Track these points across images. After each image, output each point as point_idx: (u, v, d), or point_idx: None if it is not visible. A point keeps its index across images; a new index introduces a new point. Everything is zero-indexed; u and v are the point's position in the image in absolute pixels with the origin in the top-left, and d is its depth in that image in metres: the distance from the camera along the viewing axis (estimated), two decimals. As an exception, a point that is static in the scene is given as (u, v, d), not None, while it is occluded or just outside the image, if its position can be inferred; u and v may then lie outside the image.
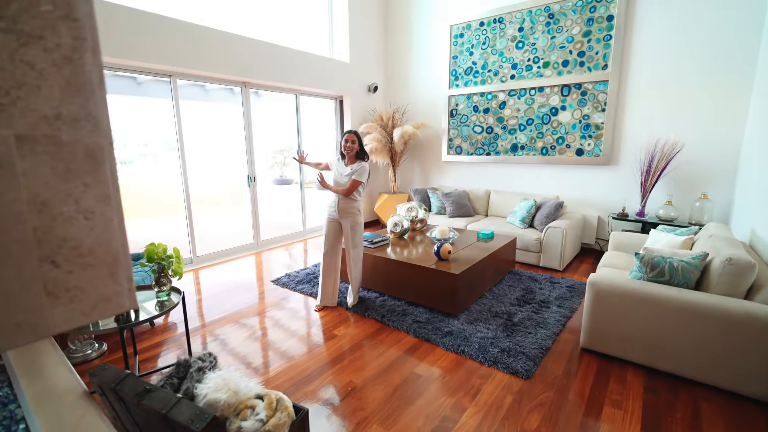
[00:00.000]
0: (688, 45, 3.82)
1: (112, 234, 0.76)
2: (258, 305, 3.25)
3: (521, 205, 4.49)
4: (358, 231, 3.03)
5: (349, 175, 2.95)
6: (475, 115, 5.33)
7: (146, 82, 6.42)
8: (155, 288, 2.07)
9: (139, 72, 3.67)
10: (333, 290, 3.16)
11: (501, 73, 5.03)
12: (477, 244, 3.65)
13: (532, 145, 4.91)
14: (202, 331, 2.81)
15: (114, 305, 0.77)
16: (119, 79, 6.15)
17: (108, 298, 0.75)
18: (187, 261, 4.32)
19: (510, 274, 3.86)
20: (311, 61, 5.03)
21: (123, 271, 0.76)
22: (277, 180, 7.96)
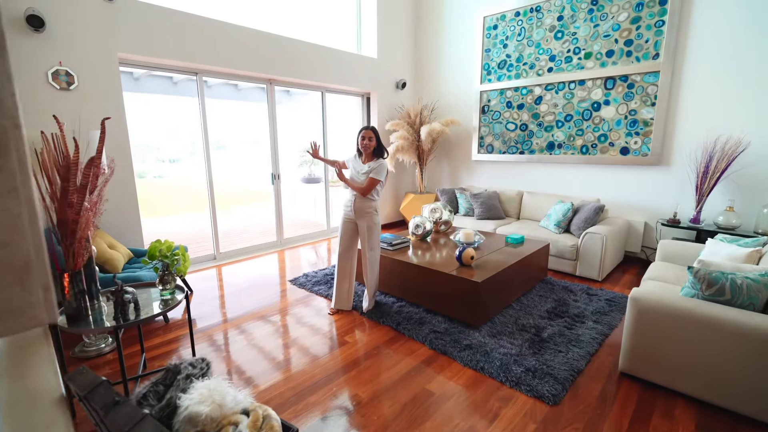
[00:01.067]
0: (754, 30, 3.33)
1: (20, 234, 0.62)
2: (273, 305, 3.17)
3: (557, 208, 4.14)
4: (375, 232, 2.87)
5: (366, 173, 2.80)
6: (509, 112, 5.01)
7: (182, 81, 6.61)
8: (159, 286, 2.02)
9: (164, 69, 3.71)
10: (348, 293, 3.02)
11: (537, 66, 4.69)
12: (505, 249, 3.38)
13: (570, 143, 4.54)
14: (213, 330, 2.76)
15: (26, 319, 0.63)
16: (156, 79, 6.37)
17: (16, 311, 0.61)
18: (210, 257, 4.35)
19: (541, 283, 3.55)
20: (338, 58, 4.93)
21: (37, 278, 0.63)
22: (305, 178, 7.97)
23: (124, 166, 3.35)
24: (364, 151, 2.84)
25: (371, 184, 2.76)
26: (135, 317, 1.83)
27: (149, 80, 6.23)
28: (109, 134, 3.23)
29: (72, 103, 3.00)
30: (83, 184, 1.59)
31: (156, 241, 2.05)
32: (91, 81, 3.08)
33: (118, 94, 3.24)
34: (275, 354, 2.44)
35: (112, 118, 3.24)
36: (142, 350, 2.28)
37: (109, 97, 3.20)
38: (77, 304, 1.76)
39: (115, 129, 3.26)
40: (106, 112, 3.20)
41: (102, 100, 3.16)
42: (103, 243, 2.88)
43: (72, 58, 2.96)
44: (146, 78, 6.15)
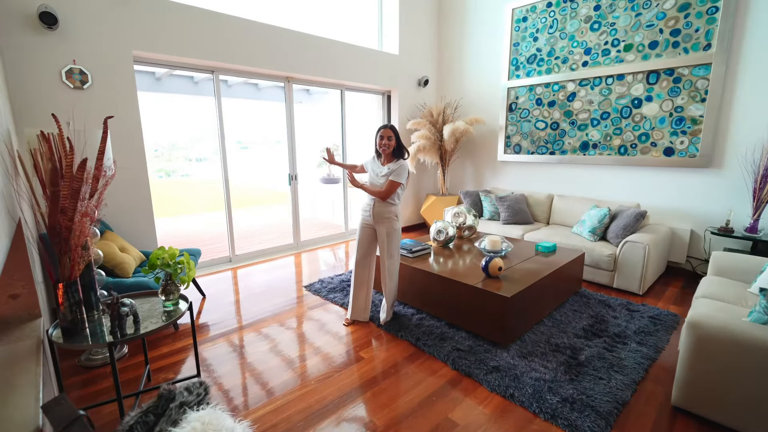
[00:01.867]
0: (832, 12, 2.93)
1: None
2: (286, 313, 3.02)
3: (591, 214, 3.82)
4: (395, 239, 2.67)
5: (385, 176, 2.60)
6: (538, 109, 4.70)
7: (202, 81, 6.60)
8: (162, 296, 1.88)
9: (180, 67, 3.62)
10: (365, 304, 2.83)
11: (571, 60, 4.36)
12: (536, 258, 3.11)
13: (607, 143, 4.20)
14: (222, 338, 2.63)
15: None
16: (177, 79, 6.38)
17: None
18: (226, 260, 4.26)
19: (575, 295, 3.26)
20: (358, 54, 4.75)
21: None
22: (324, 178, 7.85)
23: (138, 167, 3.28)
24: (383, 151, 2.64)
25: (391, 187, 2.56)
26: (134, 331, 1.70)
27: (171, 80, 6.25)
28: (123, 134, 3.16)
29: (86, 103, 2.94)
30: (75, 188, 1.47)
31: (159, 248, 1.92)
32: (105, 79, 3.02)
33: (132, 92, 3.17)
34: (285, 369, 2.27)
35: (127, 118, 3.17)
36: (146, 362, 2.16)
37: (124, 96, 3.13)
38: (72, 316, 1.64)
39: (129, 129, 3.18)
40: (121, 111, 3.12)
41: (116, 99, 3.09)
42: (114, 246, 2.80)
43: (86, 56, 2.90)
44: (168, 78, 6.17)
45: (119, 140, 3.14)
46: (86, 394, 2.04)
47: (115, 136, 3.11)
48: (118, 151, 3.13)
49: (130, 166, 3.23)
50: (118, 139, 3.12)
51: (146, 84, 5.92)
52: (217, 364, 2.34)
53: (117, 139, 3.12)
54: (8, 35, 2.58)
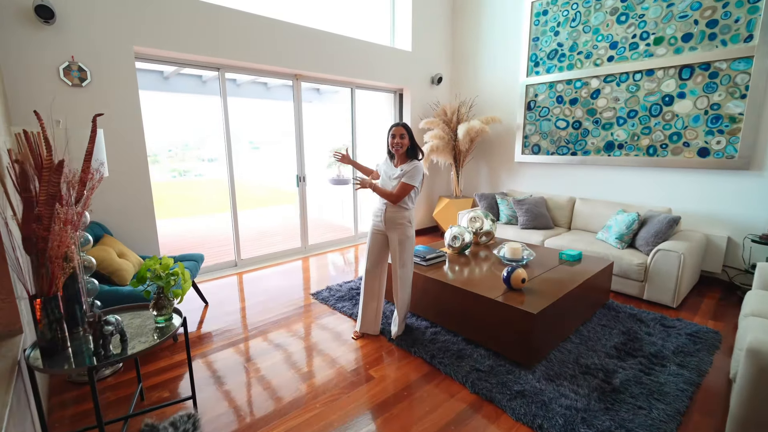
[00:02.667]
0: None
1: None
2: (292, 323, 2.85)
3: (618, 219, 3.56)
4: (408, 247, 2.46)
5: (397, 178, 2.40)
6: (559, 107, 4.45)
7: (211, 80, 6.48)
8: (153, 311, 1.71)
9: (183, 64, 3.48)
10: (375, 316, 2.64)
11: (595, 55, 4.10)
12: (560, 267, 2.87)
13: (634, 143, 3.93)
14: (222, 351, 2.46)
15: None
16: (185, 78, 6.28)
17: None
18: (231, 264, 4.11)
19: (603, 308, 3.01)
20: (369, 51, 4.56)
21: None
22: (334, 179, 7.68)
23: (140, 168, 3.14)
24: (395, 152, 2.44)
25: (403, 190, 2.36)
26: (121, 351, 1.53)
27: (179, 79, 6.15)
28: (124, 134, 3.03)
29: (85, 101, 2.81)
30: (52, 194, 1.30)
31: (151, 258, 1.75)
32: (105, 77, 2.88)
33: (133, 90, 3.03)
34: (288, 388, 2.09)
35: (128, 117, 3.03)
36: (138, 379, 2.00)
37: (125, 94, 2.99)
38: (52, 335, 1.48)
39: (130, 129, 3.04)
40: (122, 110, 2.99)
41: (117, 98, 2.96)
42: (112, 251, 2.66)
43: (85, 52, 2.77)
44: (175, 77, 6.07)
45: (120, 140, 3.00)
46: (74, 414, 1.89)
47: (115, 136, 2.97)
48: (118, 152, 3.00)
49: (131, 167, 3.09)
50: (118, 140, 2.99)
51: (154, 83, 5.83)
52: (215, 381, 2.16)
53: (118, 139, 2.98)
54: (2, 30, 2.46)
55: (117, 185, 3.03)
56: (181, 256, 3.06)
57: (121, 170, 3.03)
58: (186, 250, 5.12)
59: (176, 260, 3.03)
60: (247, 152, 15.39)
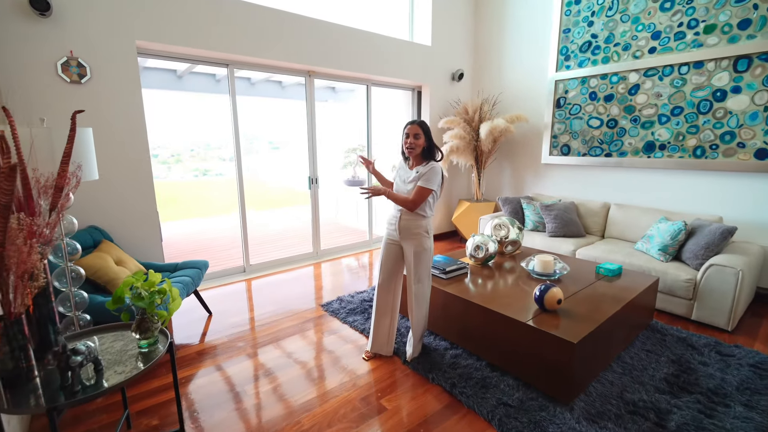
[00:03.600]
0: None
1: None
2: (298, 339, 2.62)
3: (661, 228, 3.20)
4: (424, 260, 2.20)
5: (413, 181, 2.14)
6: (592, 104, 4.09)
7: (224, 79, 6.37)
8: (135, 334, 1.51)
9: (189, 60, 3.30)
10: (388, 335, 2.38)
11: (634, 47, 3.73)
12: (598, 284, 2.55)
13: (678, 143, 3.54)
14: (219, 371, 2.25)
15: None
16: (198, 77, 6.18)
17: None
18: (239, 270, 3.93)
19: (647, 330, 2.67)
20: (386, 46, 4.31)
21: None
22: (349, 181, 7.47)
23: (142, 170, 2.97)
24: (409, 153, 2.18)
25: (419, 195, 2.09)
26: (95, 383, 1.33)
27: (192, 78, 6.05)
28: (126, 134, 2.87)
29: (85, 98, 2.66)
30: (5, 203, 1.10)
31: (134, 275, 1.55)
32: (106, 73, 2.73)
33: (136, 87, 2.87)
34: (288, 420, 1.86)
35: (130, 116, 2.87)
36: (124, 405, 1.80)
37: (127, 92, 2.83)
38: (14, 364, 1.29)
39: (132, 128, 2.88)
40: (124, 108, 2.83)
41: (119, 95, 2.80)
42: (109, 259, 2.49)
43: (84, 46, 2.61)
44: (189, 76, 5.96)
45: (121, 141, 2.84)
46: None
47: (116, 137, 2.82)
48: (118, 153, 2.84)
49: (133, 168, 2.93)
50: (119, 140, 2.83)
51: (167, 82, 5.74)
52: (209, 407, 1.95)
53: (118, 139, 2.83)
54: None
55: (117, 187, 2.88)
56: (184, 263, 2.88)
57: (121, 172, 2.88)
58: (195, 254, 4.99)
59: (178, 268, 2.85)
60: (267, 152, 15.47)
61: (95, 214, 2.79)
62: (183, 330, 2.76)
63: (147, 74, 5.59)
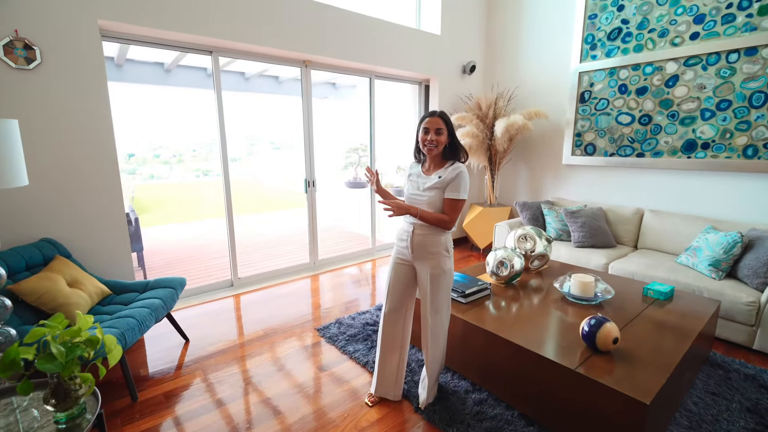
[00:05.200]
0: None
1: None
2: (288, 375, 2.19)
3: (711, 239, 2.76)
4: (444, 284, 1.76)
5: (433, 189, 1.71)
6: (622, 99, 3.65)
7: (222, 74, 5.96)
8: (50, 404, 1.08)
9: (165, 45, 2.88)
10: (396, 375, 1.95)
11: (673, 33, 3.29)
12: (650, 310, 2.11)
13: (725, 141, 3.10)
14: (192, 420, 1.82)
15: None
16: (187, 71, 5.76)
17: None
18: (227, 284, 3.50)
19: (706, 365, 2.23)
20: (391, 34, 3.88)
21: None
22: (350, 182, 7.02)
23: (108, 173, 2.55)
24: (427, 152, 1.75)
25: (454, 209, 1.67)
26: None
27: (182, 72, 5.62)
28: (88, 132, 2.44)
29: (34, 87, 2.24)
30: None
31: (52, 319, 1.12)
32: (61, 57, 2.30)
33: (100, 76, 2.44)
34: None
35: (92, 110, 2.45)
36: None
37: (88, 81, 2.41)
38: None
39: (95, 125, 2.46)
40: (84, 100, 2.41)
41: (78, 85, 2.38)
42: (60, 279, 2.07)
43: (33, 25, 2.19)
44: (177, 70, 5.54)
45: (81, 139, 2.42)
46: None
47: (74, 134, 2.39)
48: (78, 153, 2.42)
49: (97, 171, 2.51)
50: (78, 138, 2.41)
51: (155, 76, 5.32)
52: (171, 477, 1.53)
53: (77, 137, 2.41)
54: None
55: (78, 193, 2.45)
56: (156, 282, 2.45)
57: (83, 175, 2.45)
58: (181, 263, 4.57)
59: (149, 287, 2.43)
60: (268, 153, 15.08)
61: (50, 224, 2.37)
62: (154, 362, 2.34)
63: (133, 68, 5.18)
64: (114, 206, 2.60)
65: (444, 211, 1.69)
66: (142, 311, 2.10)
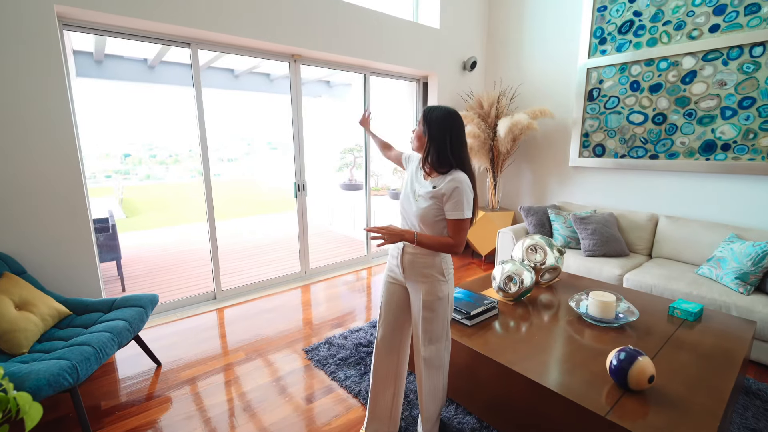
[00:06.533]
0: None
1: None
2: (271, 407, 1.94)
3: (736, 249, 2.52)
4: (439, 313, 1.49)
5: (428, 198, 1.44)
6: (634, 96, 3.41)
7: (207, 71, 5.68)
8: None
9: (136, 36, 2.61)
10: (390, 410, 1.69)
11: (690, 25, 3.06)
12: (680, 333, 1.86)
13: (748, 142, 2.86)
14: (154, 471, 1.57)
15: None
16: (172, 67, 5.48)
17: None
18: (209, 297, 3.23)
19: (741, 393, 1.99)
20: (387, 26, 3.62)
21: None
22: (346, 184, 6.76)
23: (69, 177, 2.28)
24: (414, 149, 1.51)
25: (459, 231, 1.39)
26: None
27: (168, 69, 5.35)
28: (45, 132, 2.17)
29: (-19, 82, 1.97)
30: None
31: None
32: (11, 49, 2.03)
33: (58, 71, 2.17)
34: None
35: (50, 109, 2.18)
36: None
37: (45, 76, 2.14)
38: None
39: (53, 125, 2.19)
40: (41, 98, 2.14)
41: (33, 81, 2.10)
42: (7, 301, 1.80)
43: (-23, 10, 1.92)
44: (161, 66, 5.27)
45: (37, 140, 2.15)
46: None
47: (30, 134, 2.12)
48: (32, 155, 2.15)
49: (56, 175, 2.24)
50: (34, 139, 2.14)
51: (138, 73, 5.04)
52: None
53: (33, 137, 2.14)
54: None
55: (34, 199, 2.18)
56: (123, 300, 2.19)
57: (39, 180, 2.18)
58: (161, 272, 4.28)
59: (115, 306, 2.16)
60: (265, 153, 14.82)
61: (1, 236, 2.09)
62: (117, 391, 2.07)
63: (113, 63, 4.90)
64: (77, 214, 2.33)
65: (448, 234, 1.42)
66: (102, 336, 1.84)
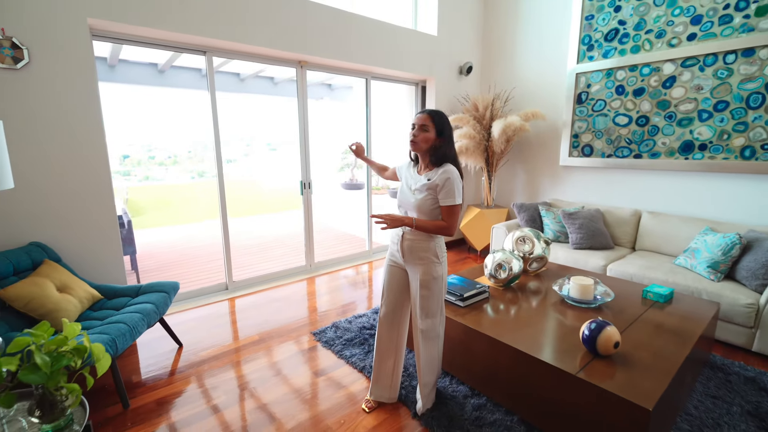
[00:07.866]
0: None
1: None
2: (284, 379, 2.15)
3: (709, 241, 2.75)
4: (435, 291, 1.72)
5: (423, 191, 1.67)
6: (619, 99, 3.64)
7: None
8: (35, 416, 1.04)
9: (157, 44, 2.83)
10: (392, 379, 1.92)
11: (670, 33, 3.29)
12: (650, 313, 2.09)
13: (723, 143, 3.10)
14: (186, 428, 1.78)
15: None
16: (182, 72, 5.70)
17: None
18: (221, 287, 3.45)
19: (705, 367, 2.21)
20: (388, 34, 3.85)
21: None
22: (347, 184, 6.99)
23: (99, 175, 2.50)
24: (413, 148, 1.72)
25: (451, 215, 1.62)
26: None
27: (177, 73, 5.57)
28: (77, 133, 2.39)
29: (22, 87, 2.19)
30: None
31: (36, 328, 1.08)
32: (50, 57, 2.25)
33: (90, 77, 2.39)
34: None
35: (82, 112, 2.40)
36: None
37: (78, 81, 2.36)
38: None
39: (86, 127, 2.41)
40: (74, 101, 2.36)
41: (67, 85, 2.33)
42: (49, 284, 2.02)
43: (20, 24, 2.15)
44: (171, 70, 5.49)
45: (71, 141, 2.37)
46: None
47: (64, 135, 2.34)
48: (67, 155, 2.37)
49: (87, 173, 2.46)
50: (68, 140, 2.36)
51: (149, 77, 5.26)
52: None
53: (67, 139, 2.36)
54: None
55: (67, 195, 2.40)
56: (149, 286, 2.41)
57: (72, 176, 2.40)
58: (176, 266, 4.51)
59: (141, 291, 2.38)
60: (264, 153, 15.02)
61: (39, 228, 2.31)
62: (146, 368, 2.29)
63: (126, 68, 5.12)
64: (105, 208, 2.55)
65: (442, 218, 1.65)
66: (134, 316, 2.05)
